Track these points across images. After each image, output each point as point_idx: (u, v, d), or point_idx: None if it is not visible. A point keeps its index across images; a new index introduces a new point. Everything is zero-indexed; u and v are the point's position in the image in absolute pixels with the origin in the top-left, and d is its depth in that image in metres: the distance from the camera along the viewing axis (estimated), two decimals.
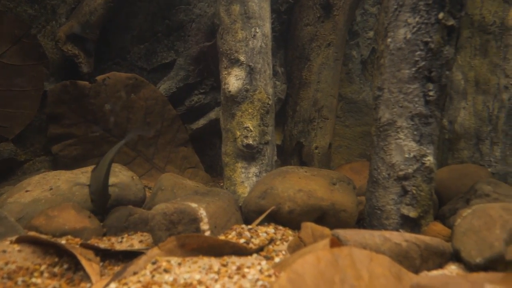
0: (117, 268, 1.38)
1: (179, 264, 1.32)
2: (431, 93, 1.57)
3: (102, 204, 1.74)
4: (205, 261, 1.37)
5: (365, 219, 1.78)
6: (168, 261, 1.34)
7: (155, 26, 2.69)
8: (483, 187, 1.75)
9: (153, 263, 1.30)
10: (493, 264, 1.36)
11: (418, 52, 1.55)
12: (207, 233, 1.50)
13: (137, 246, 1.54)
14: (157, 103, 2.62)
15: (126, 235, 1.65)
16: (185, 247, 1.39)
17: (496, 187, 1.74)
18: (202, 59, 2.68)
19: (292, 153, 2.79)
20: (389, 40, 1.62)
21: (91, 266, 1.31)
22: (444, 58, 1.56)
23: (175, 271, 1.28)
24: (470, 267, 1.40)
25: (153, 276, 1.22)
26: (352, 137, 3.12)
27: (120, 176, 1.94)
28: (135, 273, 1.26)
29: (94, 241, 1.57)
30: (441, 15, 1.51)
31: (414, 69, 1.57)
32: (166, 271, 1.27)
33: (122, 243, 1.58)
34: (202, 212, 1.52)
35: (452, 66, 1.58)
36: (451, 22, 1.53)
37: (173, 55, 2.72)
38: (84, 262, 1.30)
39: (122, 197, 1.87)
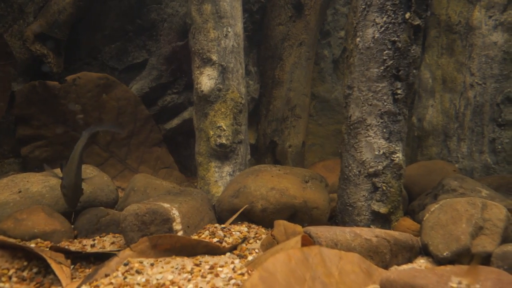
0: (88, 271, 1.37)
1: (152, 265, 1.32)
2: (399, 91, 1.61)
3: (74, 199, 1.67)
4: (178, 261, 1.37)
5: (337, 215, 1.81)
6: (141, 262, 1.33)
7: (127, 25, 2.66)
8: (450, 183, 1.80)
9: (125, 265, 1.30)
10: (460, 257, 1.40)
11: (386, 51, 1.59)
12: (180, 233, 1.50)
13: (109, 248, 1.53)
14: (130, 103, 2.60)
15: (97, 237, 1.63)
16: (158, 248, 1.38)
17: (463, 182, 1.79)
18: (175, 59, 2.67)
19: (266, 152, 2.81)
20: (358, 39, 1.65)
21: (61, 269, 1.29)
22: (411, 57, 1.60)
23: (148, 272, 1.27)
24: (438, 261, 1.44)
25: (125, 278, 1.21)
26: (325, 135, 3.16)
27: (92, 178, 1.91)
28: (106, 275, 1.25)
29: (64, 244, 1.54)
30: (407, 15, 1.55)
31: (382, 67, 1.60)
32: (139, 272, 1.26)
33: (94, 245, 1.56)
34: (175, 212, 1.51)
35: (419, 65, 1.62)
36: (417, 21, 1.56)
37: (145, 55, 2.69)
38: (54, 265, 1.28)
39: (93, 199, 1.84)
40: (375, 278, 1.26)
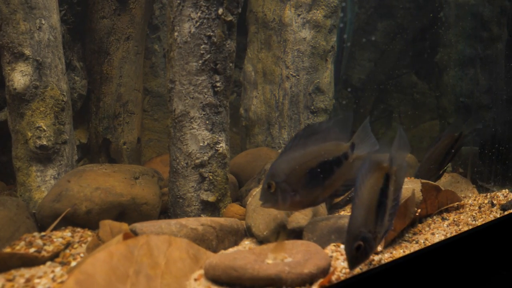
0: None
1: None
2: (218, 84, 1.69)
3: None
4: None
5: (170, 209, 1.83)
6: None
7: None
8: None
9: None
10: (278, 235, 1.54)
11: (203, 46, 1.65)
12: None
13: None
14: None
15: None
16: None
17: None
18: None
19: (99, 151, 2.69)
20: (176, 34, 1.67)
21: None
22: (227, 51, 1.69)
23: None
24: (260, 240, 1.56)
25: None
26: (162, 130, 3.15)
27: None
28: None
29: None
30: (220, 11, 1.63)
31: (200, 61, 1.66)
32: None
33: None
34: None
35: (234, 59, 1.73)
36: (230, 17, 1.66)
37: None
38: None
39: None
40: (202, 263, 1.31)
